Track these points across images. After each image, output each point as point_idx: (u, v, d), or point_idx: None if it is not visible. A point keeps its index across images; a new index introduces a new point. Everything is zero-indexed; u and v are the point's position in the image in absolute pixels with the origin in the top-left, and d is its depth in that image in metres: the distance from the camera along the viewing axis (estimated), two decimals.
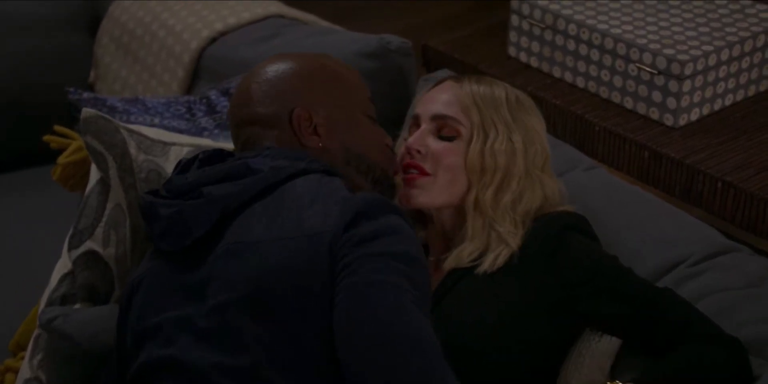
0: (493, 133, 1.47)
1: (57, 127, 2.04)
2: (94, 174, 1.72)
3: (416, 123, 1.53)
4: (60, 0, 2.55)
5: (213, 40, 2.36)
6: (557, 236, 1.47)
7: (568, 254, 1.46)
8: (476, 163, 1.46)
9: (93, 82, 2.57)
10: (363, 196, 1.32)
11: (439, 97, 1.50)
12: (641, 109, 2.14)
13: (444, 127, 1.48)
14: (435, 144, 1.48)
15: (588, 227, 1.54)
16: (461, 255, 1.47)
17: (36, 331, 1.70)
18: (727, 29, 2.15)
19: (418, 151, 1.48)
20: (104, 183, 1.68)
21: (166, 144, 1.69)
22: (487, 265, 1.45)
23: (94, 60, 2.56)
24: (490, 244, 1.48)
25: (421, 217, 1.59)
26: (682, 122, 2.11)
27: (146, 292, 1.40)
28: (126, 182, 1.65)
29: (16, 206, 2.32)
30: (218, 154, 1.45)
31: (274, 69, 1.46)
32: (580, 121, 2.18)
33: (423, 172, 1.48)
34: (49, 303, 1.69)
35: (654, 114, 2.12)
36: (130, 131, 1.69)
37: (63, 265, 1.73)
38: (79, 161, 1.91)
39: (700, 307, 1.58)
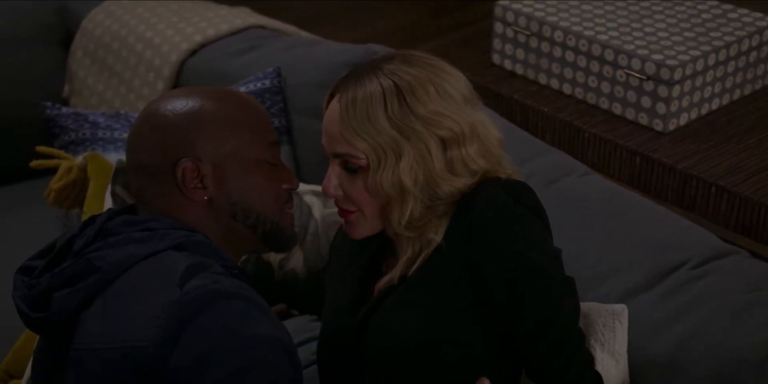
0: (383, 158, 1.40)
1: (40, 148, 2.00)
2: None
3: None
4: (29, 15, 2.50)
5: (193, 52, 2.33)
6: (476, 225, 1.38)
7: (483, 244, 1.38)
8: (376, 195, 1.41)
9: (67, 97, 2.52)
10: (183, 299, 1.23)
11: (329, 128, 1.43)
12: (630, 114, 2.15)
13: (347, 163, 1.43)
14: (346, 184, 1.43)
15: (521, 197, 1.41)
16: (395, 275, 1.43)
17: (29, 373, 1.64)
18: (712, 34, 2.16)
19: (336, 195, 1.44)
20: None
21: None
22: (414, 267, 1.42)
23: (68, 75, 2.51)
24: (418, 250, 1.43)
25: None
26: (671, 127, 2.11)
27: (35, 373, 1.39)
28: None
29: None
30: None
31: (166, 109, 1.36)
32: (569, 127, 2.18)
33: (350, 211, 1.45)
34: None
35: (643, 119, 2.13)
36: None
37: None
38: (71, 183, 1.88)
39: (708, 310, 1.59)
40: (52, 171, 2.05)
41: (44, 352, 1.35)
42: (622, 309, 1.51)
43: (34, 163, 1.97)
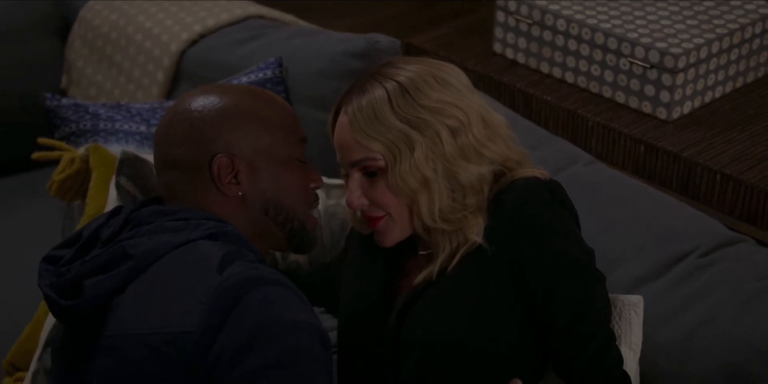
0: (398, 154, 1.41)
1: (41, 139, 1.98)
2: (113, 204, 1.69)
3: (345, 170, 1.49)
4: (26, 5, 2.48)
5: (193, 42, 2.31)
6: (517, 223, 1.40)
7: (528, 247, 1.40)
8: (400, 192, 1.42)
9: (65, 88, 2.50)
10: (225, 284, 1.24)
11: (341, 141, 1.45)
12: (633, 103, 2.14)
13: (366, 168, 1.44)
14: (369, 190, 1.45)
15: (558, 196, 1.44)
16: (433, 271, 1.44)
17: (35, 366, 1.64)
18: (715, 21, 2.15)
19: (362, 205, 1.45)
20: None
21: None
22: (453, 264, 1.42)
23: (65, 65, 2.49)
24: (455, 248, 1.44)
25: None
26: (675, 115, 2.11)
27: (55, 362, 1.39)
28: None
29: None
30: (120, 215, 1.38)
31: (199, 106, 1.38)
32: (572, 116, 2.17)
33: (378, 217, 1.45)
34: (50, 339, 1.64)
35: (646, 108, 2.12)
36: None
37: None
38: (73, 174, 1.86)
39: (717, 298, 1.59)
40: (53, 163, 2.03)
41: (68, 342, 1.35)
42: (638, 300, 1.50)
43: (35, 155, 1.95)
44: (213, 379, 1.21)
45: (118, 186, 1.67)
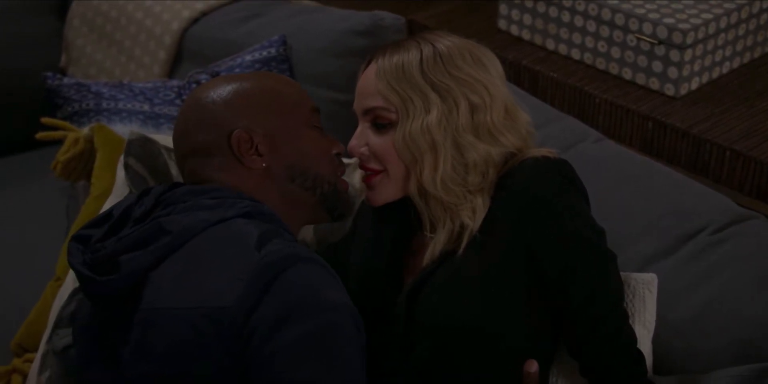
0: (412, 110, 1.41)
1: (45, 119, 1.97)
2: (121, 189, 1.67)
3: (357, 118, 1.49)
4: None
5: (194, 20, 2.29)
6: (527, 203, 1.38)
7: (536, 226, 1.38)
8: (404, 150, 1.41)
9: (65, 67, 2.48)
10: (264, 261, 1.25)
11: (362, 87, 1.45)
12: (640, 79, 2.13)
13: (377, 118, 1.43)
14: (374, 140, 1.44)
15: (567, 174, 1.42)
16: (434, 251, 1.43)
17: (44, 348, 1.63)
18: None
19: (362, 153, 1.45)
20: None
21: None
22: (462, 245, 1.41)
23: (65, 43, 2.47)
24: (458, 228, 1.43)
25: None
26: (683, 92, 2.09)
27: (82, 340, 1.39)
28: None
29: None
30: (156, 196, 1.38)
31: (209, 94, 1.42)
32: (579, 93, 2.15)
33: (374, 171, 1.45)
34: (58, 320, 1.63)
35: (654, 84, 2.11)
36: (170, 151, 1.69)
37: (75, 279, 1.66)
38: (78, 154, 1.85)
39: (730, 275, 1.58)
40: (57, 143, 2.01)
41: (99, 319, 1.35)
42: (651, 278, 1.49)
43: (40, 135, 1.94)
44: (246, 354, 1.21)
45: (126, 166, 1.66)
